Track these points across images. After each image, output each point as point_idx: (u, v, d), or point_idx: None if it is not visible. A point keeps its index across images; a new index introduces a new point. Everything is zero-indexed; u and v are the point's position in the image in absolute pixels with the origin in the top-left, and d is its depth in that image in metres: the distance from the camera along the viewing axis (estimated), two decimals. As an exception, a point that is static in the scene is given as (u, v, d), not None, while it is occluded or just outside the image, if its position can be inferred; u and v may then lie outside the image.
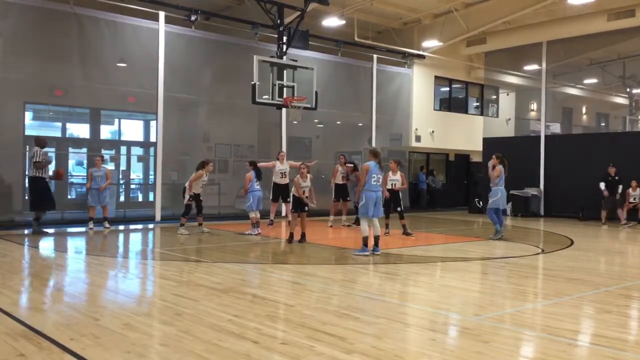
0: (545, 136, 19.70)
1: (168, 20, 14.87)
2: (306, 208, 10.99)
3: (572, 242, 11.91)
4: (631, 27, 17.20)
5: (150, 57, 14.59)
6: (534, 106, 22.88)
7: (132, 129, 18.62)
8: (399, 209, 12.19)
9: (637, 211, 15.92)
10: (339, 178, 14.38)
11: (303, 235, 10.97)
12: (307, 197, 10.98)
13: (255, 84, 13.71)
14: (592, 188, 16.63)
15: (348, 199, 14.50)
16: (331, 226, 14.15)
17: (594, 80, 25.14)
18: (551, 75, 20.64)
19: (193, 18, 15.15)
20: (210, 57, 15.87)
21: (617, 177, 16.05)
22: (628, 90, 23.88)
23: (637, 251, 11.86)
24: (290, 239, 11.01)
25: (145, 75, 14.82)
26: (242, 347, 4.46)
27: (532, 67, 21.43)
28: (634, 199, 16.01)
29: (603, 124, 27.76)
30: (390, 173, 12.00)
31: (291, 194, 11.24)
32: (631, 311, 6.25)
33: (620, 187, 15.99)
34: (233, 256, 9.73)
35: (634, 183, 15.94)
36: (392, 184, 12.01)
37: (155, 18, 14.67)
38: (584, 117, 26.98)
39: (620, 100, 25.73)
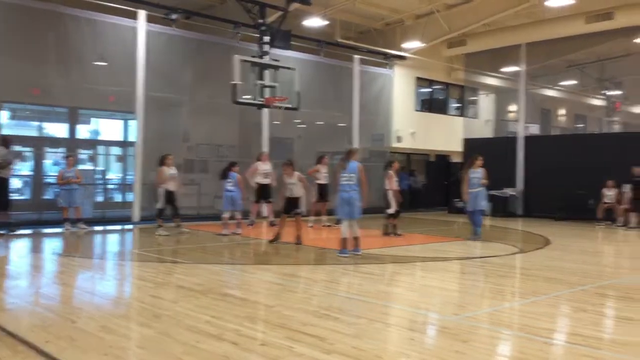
0: (524, 137, 19.92)
1: (148, 19, 14.74)
2: (298, 210, 10.86)
3: (549, 242, 12.06)
4: (609, 29, 17.46)
5: (130, 55, 14.45)
6: (513, 107, 23.12)
7: (111, 129, 18.41)
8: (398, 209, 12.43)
9: (612, 211, 16.17)
10: (321, 178, 14.44)
11: (298, 238, 10.79)
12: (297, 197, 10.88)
13: (236, 83, 13.65)
14: (570, 188, 16.84)
15: (328, 199, 14.53)
16: (312, 226, 14.15)
17: (572, 82, 25.52)
18: (530, 76, 20.89)
19: (174, 17, 15.04)
20: (191, 56, 15.76)
21: None
22: (606, 92, 24.28)
23: (612, 250, 12.05)
24: (275, 239, 10.91)
25: (124, 74, 14.66)
26: (220, 348, 4.44)
27: (511, 68, 21.65)
28: (609, 199, 16.25)
29: (581, 125, 28.18)
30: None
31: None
32: (606, 310, 6.34)
33: None
34: (212, 257, 9.67)
35: (609, 183, 16.17)
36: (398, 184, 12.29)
37: (135, 17, 14.53)
38: (562, 118, 27.37)
39: (598, 102, 26.16)
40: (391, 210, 12.18)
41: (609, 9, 16.74)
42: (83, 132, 17.37)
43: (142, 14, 14.56)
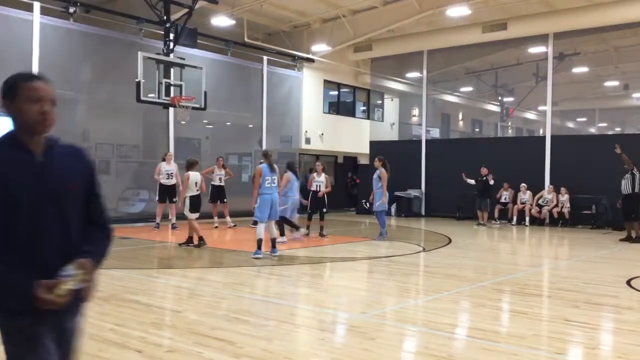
0: (426, 140, 20.74)
1: (44, 12, 13.89)
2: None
3: (450, 241, 12.60)
4: (503, 39, 18.59)
5: (24, 50, 13.55)
6: (415, 112, 24.00)
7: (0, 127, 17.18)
8: (324, 209, 12.60)
9: (508, 211, 17.19)
10: (215, 179, 14.48)
11: (201, 239, 10.58)
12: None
13: (140, 81, 13.17)
14: (467, 189, 17.71)
15: (225, 200, 14.51)
16: (216, 227, 14.05)
17: (469, 89, 26.92)
18: (431, 82, 21.76)
19: (72, 10, 14.28)
20: (91, 51, 15.01)
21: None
22: (499, 98, 25.79)
23: (508, 248, 12.79)
24: (200, 242, 10.61)
25: (16, 69, 13.58)
26: (124, 357, 4.26)
27: (414, 74, 22.45)
28: (505, 199, 17.26)
29: (477, 130, 29.74)
30: (315, 175, 12.62)
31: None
32: (503, 304, 6.72)
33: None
34: (115, 262, 9.24)
35: (505, 185, 17.16)
36: (316, 186, 12.40)
37: (29, 9, 13.65)
38: (461, 122, 28.76)
39: (493, 107, 27.72)
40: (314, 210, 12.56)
41: (503, 20, 17.81)
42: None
43: (37, 6, 13.70)
